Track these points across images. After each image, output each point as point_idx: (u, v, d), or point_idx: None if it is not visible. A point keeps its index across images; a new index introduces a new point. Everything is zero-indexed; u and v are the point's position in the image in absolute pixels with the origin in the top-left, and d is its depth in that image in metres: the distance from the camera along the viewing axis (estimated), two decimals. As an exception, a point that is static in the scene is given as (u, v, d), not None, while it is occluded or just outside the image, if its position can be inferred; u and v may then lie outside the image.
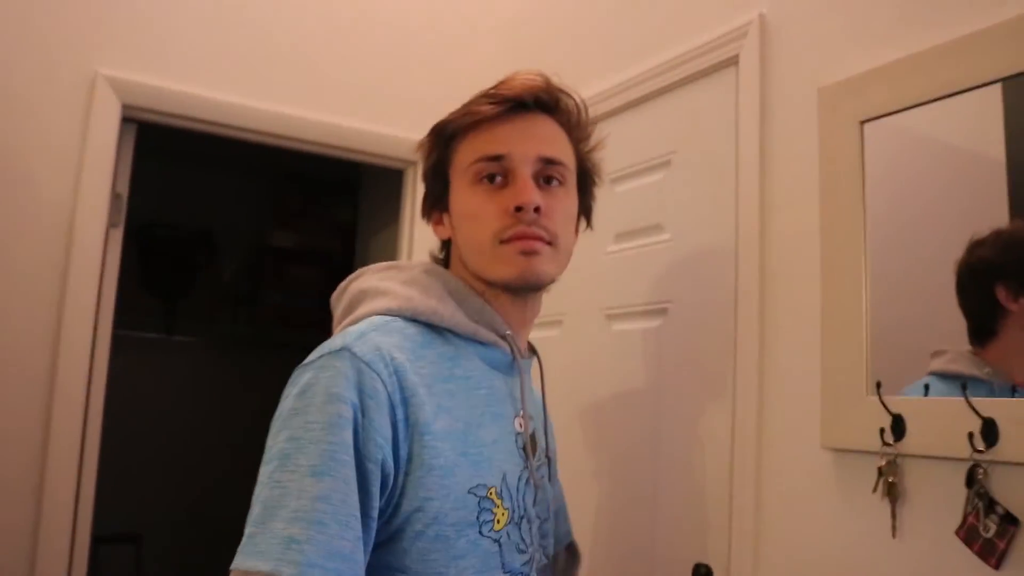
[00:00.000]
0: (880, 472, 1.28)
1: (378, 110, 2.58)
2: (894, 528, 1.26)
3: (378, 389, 0.90)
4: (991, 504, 1.13)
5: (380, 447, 0.89)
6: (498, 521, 1.00)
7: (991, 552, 1.12)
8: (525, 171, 1.06)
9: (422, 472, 0.93)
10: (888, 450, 1.26)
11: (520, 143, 1.06)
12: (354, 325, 1.00)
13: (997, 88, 1.20)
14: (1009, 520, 1.11)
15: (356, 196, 3.54)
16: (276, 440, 0.88)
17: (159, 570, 3.50)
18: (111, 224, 2.24)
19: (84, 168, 2.15)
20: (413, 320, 1.03)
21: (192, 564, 3.47)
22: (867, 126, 1.38)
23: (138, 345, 3.65)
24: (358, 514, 0.86)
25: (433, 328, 1.04)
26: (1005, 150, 1.21)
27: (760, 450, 1.53)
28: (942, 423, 1.20)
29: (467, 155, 1.07)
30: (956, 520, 1.17)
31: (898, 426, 1.26)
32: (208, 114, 2.35)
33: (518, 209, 1.03)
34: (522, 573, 1.05)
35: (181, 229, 3.95)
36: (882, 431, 1.27)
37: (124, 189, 2.31)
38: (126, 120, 2.28)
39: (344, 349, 0.91)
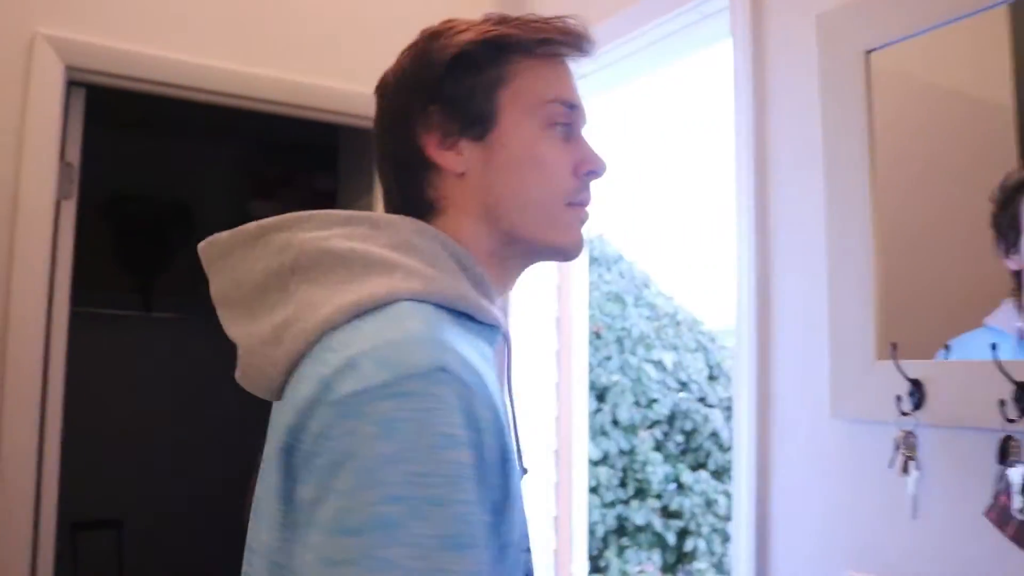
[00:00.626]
0: (897, 444, 1.13)
1: (350, 67, 2.41)
2: (914, 507, 1.12)
3: (488, 419, 0.66)
4: (1027, 481, 0.99)
5: (493, 491, 0.67)
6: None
7: (1027, 535, 0.99)
8: (582, 131, 0.89)
9: (510, 506, 0.70)
10: (905, 420, 1.12)
11: (581, 99, 0.89)
12: (370, 315, 0.70)
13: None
14: (1048, 499, 0.97)
15: (336, 163, 3.37)
16: (359, 500, 0.60)
17: (141, 555, 3.39)
18: (62, 196, 2.09)
19: (26, 136, 1.98)
20: (436, 306, 0.74)
21: (174, 548, 3.37)
22: (874, 56, 1.22)
23: (115, 323, 3.51)
24: None
25: (447, 312, 0.75)
26: (1014, 91, 1.08)
27: (765, 420, 1.39)
28: (967, 389, 1.06)
29: (540, 89, 0.85)
30: (985, 499, 1.03)
31: (916, 393, 1.12)
32: (162, 75, 2.17)
33: (590, 173, 0.87)
34: None
35: (155, 202, 3.78)
36: (898, 399, 1.13)
37: (75, 158, 2.15)
38: (73, 84, 2.11)
39: (440, 370, 0.64)
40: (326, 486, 0.61)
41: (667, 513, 5.22)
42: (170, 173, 3.85)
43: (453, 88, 0.83)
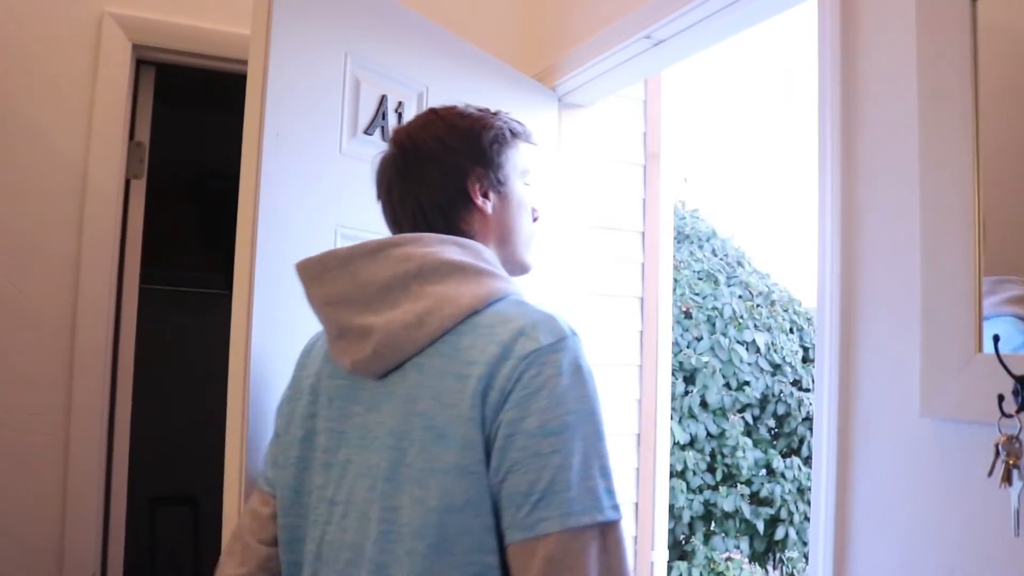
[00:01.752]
0: (998, 451, 0.99)
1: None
2: (1018, 523, 0.98)
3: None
4: None
5: None
6: None
7: None
8: None
9: None
10: (1009, 423, 0.98)
11: None
12: (496, 304, 1.03)
13: None
14: None
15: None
16: (552, 414, 0.93)
17: (215, 531, 3.44)
18: (131, 175, 2.10)
19: (95, 115, 1.99)
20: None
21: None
22: (980, 5, 1.07)
23: (201, 302, 3.56)
24: None
25: None
26: None
27: (847, 418, 1.26)
28: (1084, 389, 0.91)
29: (523, 161, 1.23)
30: (1104, 519, 0.88)
31: (1022, 391, 0.97)
32: (229, 51, 2.15)
33: (536, 218, 1.28)
34: None
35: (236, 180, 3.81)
36: (1001, 398, 0.98)
37: (145, 137, 2.15)
38: (142, 63, 2.12)
39: (573, 333, 1.00)
40: (527, 407, 0.93)
41: (757, 500, 5.04)
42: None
43: (492, 157, 1.17)
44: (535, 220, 1.26)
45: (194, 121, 3.30)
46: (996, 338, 0.99)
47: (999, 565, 1.01)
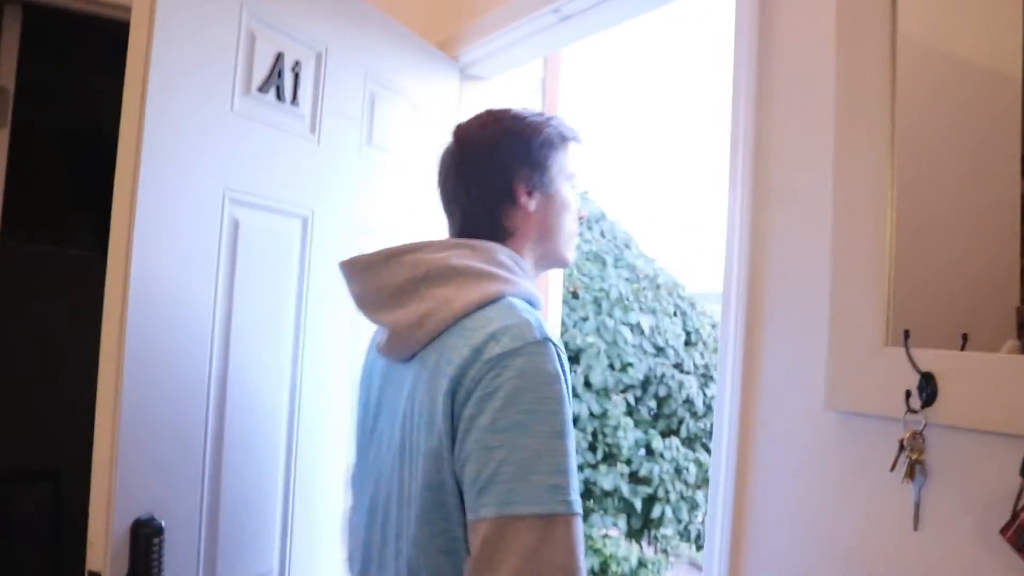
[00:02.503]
0: (902, 446, 1.00)
1: None
2: (916, 518, 0.99)
3: (565, 367, 1.09)
4: (1055, 498, 0.86)
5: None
6: None
7: (1050, 560, 0.86)
8: None
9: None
10: (914, 419, 0.99)
11: None
12: (489, 307, 1.12)
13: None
14: (1078, 521, 0.84)
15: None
16: (505, 412, 1.01)
17: (79, 507, 3.24)
18: (-8, 122, 1.91)
19: (-51, 54, 1.79)
20: (521, 298, 1.17)
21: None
22: (900, 6, 1.07)
23: (66, 263, 3.31)
24: None
25: (525, 300, 1.19)
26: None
27: (748, 406, 1.26)
28: (990, 387, 0.92)
29: (569, 164, 1.31)
30: (1002, 516, 0.89)
31: (927, 387, 0.98)
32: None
33: (582, 218, 1.37)
34: None
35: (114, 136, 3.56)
36: (908, 394, 0.99)
37: (9, 83, 1.96)
38: (6, 1, 1.92)
39: (545, 340, 1.06)
40: (483, 406, 1.02)
41: (635, 479, 5.14)
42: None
43: (539, 158, 1.26)
44: (581, 220, 1.36)
45: (69, 71, 3.06)
46: (907, 333, 1.00)
47: (897, 557, 1.03)
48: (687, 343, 5.65)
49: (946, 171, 1.06)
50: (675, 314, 5.74)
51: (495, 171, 1.24)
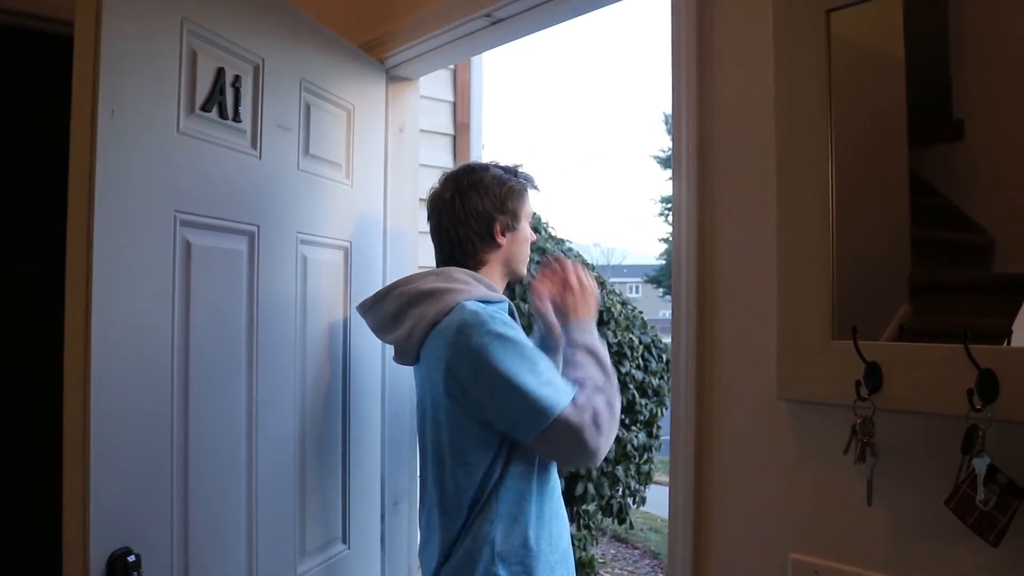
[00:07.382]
0: (855, 430, 1.09)
1: None
2: (869, 494, 1.09)
3: (505, 319, 1.63)
4: (992, 472, 0.96)
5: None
6: None
7: (989, 527, 0.96)
8: None
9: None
10: (863, 405, 1.08)
11: None
12: (451, 312, 1.62)
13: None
14: (1013, 491, 0.95)
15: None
16: (480, 366, 1.53)
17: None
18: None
19: None
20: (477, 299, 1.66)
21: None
22: (835, 16, 1.15)
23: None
24: None
25: (483, 302, 1.66)
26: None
27: (702, 401, 1.34)
28: (931, 374, 1.02)
29: (528, 208, 1.86)
30: (945, 489, 1.00)
31: (874, 376, 1.07)
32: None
33: (532, 243, 1.90)
34: None
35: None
36: (858, 384, 1.08)
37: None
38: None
39: (485, 314, 1.58)
40: (463, 372, 1.56)
41: (559, 459, 5.25)
42: None
43: (511, 208, 1.80)
44: (532, 244, 1.89)
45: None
46: (855, 328, 1.09)
47: (850, 528, 1.13)
48: (600, 322, 5.79)
49: (867, 161, 1.16)
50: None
51: (479, 220, 1.76)
